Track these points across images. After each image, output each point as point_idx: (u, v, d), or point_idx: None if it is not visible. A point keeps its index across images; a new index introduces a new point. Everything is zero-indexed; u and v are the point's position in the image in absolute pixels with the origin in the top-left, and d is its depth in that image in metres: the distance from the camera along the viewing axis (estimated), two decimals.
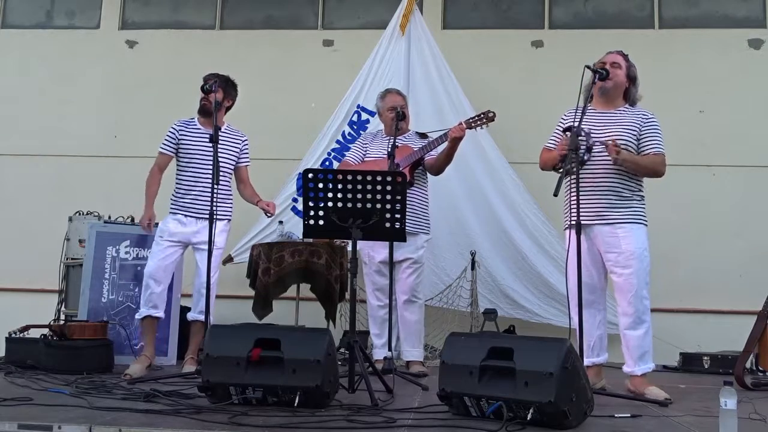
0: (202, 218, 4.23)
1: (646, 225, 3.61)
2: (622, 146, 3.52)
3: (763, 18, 6.31)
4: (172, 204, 4.32)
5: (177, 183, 4.35)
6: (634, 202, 3.59)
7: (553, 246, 5.52)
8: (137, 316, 4.31)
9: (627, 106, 3.69)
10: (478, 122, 4.27)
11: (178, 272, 4.52)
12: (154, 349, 4.31)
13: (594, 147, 3.54)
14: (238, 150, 4.43)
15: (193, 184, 4.28)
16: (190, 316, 4.36)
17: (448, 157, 4.33)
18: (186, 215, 4.27)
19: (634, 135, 3.58)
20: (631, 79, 3.68)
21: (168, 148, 4.35)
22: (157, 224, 4.35)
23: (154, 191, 4.34)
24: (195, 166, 4.29)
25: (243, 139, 4.47)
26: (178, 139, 4.34)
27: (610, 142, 3.47)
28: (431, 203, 4.61)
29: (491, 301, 5.52)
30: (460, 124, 4.25)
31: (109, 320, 4.52)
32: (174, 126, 4.38)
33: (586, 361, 3.62)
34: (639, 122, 3.60)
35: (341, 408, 2.86)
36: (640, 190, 3.64)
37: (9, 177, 6.56)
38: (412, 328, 4.44)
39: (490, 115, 4.25)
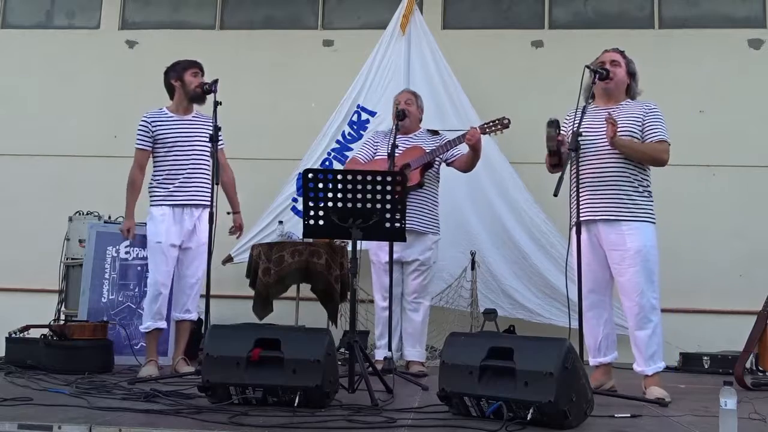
0: (189, 205, 4.13)
1: (653, 223, 3.56)
2: (626, 136, 3.51)
3: (763, 18, 6.31)
4: (155, 195, 4.15)
5: (156, 174, 4.18)
6: (641, 198, 3.54)
7: (554, 246, 5.52)
8: (143, 329, 4.14)
9: (629, 100, 3.70)
10: (493, 128, 4.24)
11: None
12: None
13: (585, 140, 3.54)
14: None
15: (176, 173, 4.14)
16: (174, 316, 4.28)
17: (473, 159, 4.33)
18: (173, 205, 4.12)
19: (638, 126, 3.57)
20: (631, 74, 3.70)
21: (145, 142, 4.18)
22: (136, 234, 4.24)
23: (136, 196, 4.19)
24: (176, 155, 4.16)
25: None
26: (153, 132, 4.18)
27: (608, 118, 3.45)
28: None
29: (493, 301, 5.52)
30: (475, 129, 4.21)
31: (109, 320, 4.52)
32: (145, 119, 4.20)
33: (593, 361, 3.62)
34: (642, 112, 3.59)
35: (341, 408, 2.86)
36: (647, 187, 3.59)
37: (9, 177, 6.55)
38: (416, 329, 4.43)
39: (506, 122, 4.22)
